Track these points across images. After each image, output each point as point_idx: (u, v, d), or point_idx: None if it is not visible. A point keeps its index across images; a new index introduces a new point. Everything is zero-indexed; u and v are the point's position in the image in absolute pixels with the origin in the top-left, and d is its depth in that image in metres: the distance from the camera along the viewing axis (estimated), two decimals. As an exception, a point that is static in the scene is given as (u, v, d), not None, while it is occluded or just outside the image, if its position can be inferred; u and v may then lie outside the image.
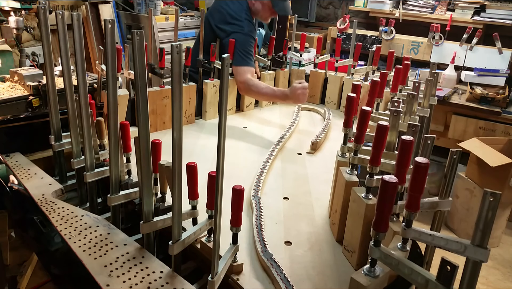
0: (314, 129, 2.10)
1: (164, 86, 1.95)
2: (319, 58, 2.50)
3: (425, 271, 0.80)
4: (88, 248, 1.01)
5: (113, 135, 1.08)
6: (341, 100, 2.48)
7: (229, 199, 0.96)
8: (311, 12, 4.96)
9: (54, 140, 1.40)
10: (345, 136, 1.29)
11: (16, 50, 2.98)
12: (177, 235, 0.96)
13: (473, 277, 0.76)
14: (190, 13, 4.50)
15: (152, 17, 3.71)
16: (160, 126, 1.98)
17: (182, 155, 0.90)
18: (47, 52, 1.30)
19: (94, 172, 1.24)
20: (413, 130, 1.04)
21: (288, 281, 1.00)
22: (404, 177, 0.97)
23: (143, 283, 0.91)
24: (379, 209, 0.84)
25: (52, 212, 1.16)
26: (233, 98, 2.29)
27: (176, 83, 0.83)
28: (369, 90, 1.49)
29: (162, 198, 1.16)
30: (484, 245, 0.73)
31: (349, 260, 1.14)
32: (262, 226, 1.23)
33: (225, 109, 0.78)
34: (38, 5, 1.20)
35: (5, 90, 2.23)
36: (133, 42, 0.88)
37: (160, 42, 3.83)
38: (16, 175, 1.35)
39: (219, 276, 0.91)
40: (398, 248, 0.96)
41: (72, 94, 1.28)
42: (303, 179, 1.63)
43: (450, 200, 1.02)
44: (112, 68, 1.01)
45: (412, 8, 3.96)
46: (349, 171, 1.20)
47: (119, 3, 4.05)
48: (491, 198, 0.71)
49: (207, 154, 1.76)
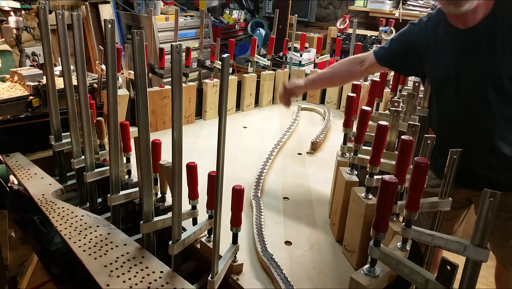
0: (314, 129, 2.10)
1: (164, 86, 1.95)
2: (319, 58, 2.50)
3: (425, 271, 0.80)
4: (88, 248, 1.01)
5: (113, 135, 1.08)
6: (341, 100, 2.48)
7: (229, 199, 0.96)
8: (311, 12, 4.96)
9: (54, 140, 1.40)
10: (345, 136, 1.29)
11: (16, 50, 2.98)
12: (177, 235, 0.96)
13: (473, 277, 0.76)
14: (190, 13, 4.50)
15: (152, 17, 3.71)
16: (160, 126, 1.98)
17: (182, 155, 0.90)
18: (47, 52, 1.30)
19: (94, 172, 1.24)
20: (413, 130, 1.04)
21: (288, 281, 1.00)
22: (404, 177, 0.97)
23: (143, 283, 0.91)
24: (379, 209, 0.84)
25: (52, 212, 1.16)
26: (233, 98, 2.29)
27: (176, 83, 0.83)
28: (369, 90, 1.49)
29: (162, 198, 1.16)
30: (484, 245, 0.73)
31: (349, 260, 1.14)
32: (262, 226, 1.23)
33: (225, 109, 0.78)
34: (38, 5, 1.20)
35: (5, 90, 2.23)
36: (133, 42, 0.88)
37: (160, 42, 3.83)
38: (16, 175, 1.35)
39: (219, 276, 0.91)
40: (398, 248, 0.96)
41: (72, 94, 1.28)
42: (303, 179, 1.63)
43: (450, 200, 1.02)
44: (112, 68, 1.01)
45: (412, 8, 3.96)
46: (349, 171, 1.20)
47: (119, 3, 4.05)
48: (491, 198, 0.71)
49: (207, 154, 1.76)
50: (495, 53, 1.20)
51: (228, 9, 5.19)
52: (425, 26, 1.40)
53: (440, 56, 1.35)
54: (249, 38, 5.08)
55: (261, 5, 5.59)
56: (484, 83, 1.25)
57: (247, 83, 2.32)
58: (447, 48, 1.32)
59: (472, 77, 1.27)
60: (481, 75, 1.25)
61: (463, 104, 1.32)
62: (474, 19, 1.22)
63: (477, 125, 1.31)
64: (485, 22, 1.22)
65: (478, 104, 1.28)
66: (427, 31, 1.39)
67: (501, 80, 1.21)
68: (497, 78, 1.22)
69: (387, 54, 1.51)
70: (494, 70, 1.22)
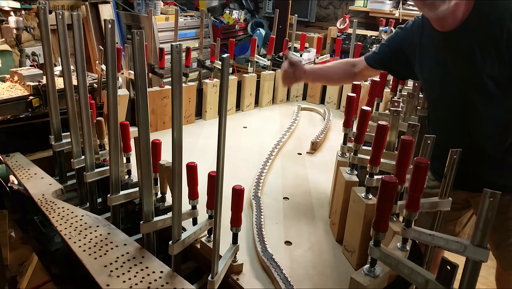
0: (314, 129, 2.10)
1: (164, 86, 1.95)
2: (319, 58, 2.50)
3: (425, 271, 0.80)
4: (88, 248, 1.01)
5: (113, 135, 1.08)
6: (341, 100, 2.48)
7: (229, 199, 0.96)
8: (311, 12, 4.96)
9: (54, 140, 1.40)
10: (345, 136, 1.29)
11: (16, 50, 2.98)
12: (177, 235, 0.96)
13: (473, 277, 0.76)
14: (190, 13, 4.50)
15: (152, 17, 3.71)
16: (160, 126, 1.98)
17: (182, 155, 0.90)
18: (47, 52, 1.30)
19: (94, 172, 1.24)
20: (413, 130, 1.04)
21: (288, 281, 1.00)
22: (404, 177, 0.97)
23: (143, 283, 0.91)
24: (379, 209, 0.84)
25: (52, 212, 1.16)
26: (233, 98, 2.29)
27: (176, 83, 0.83)
28: (369, 90, 1.49)
29: (162, 198, 1.16)
30: (484, 245, 0.73)
31: (349, 260, 1.14)
32: (262, 226, 1.23)
33: (225, 109, 0.78)
34: (38, 5, 1.20)
35: (5, 90, 2.23)
36: (133, 42, 0.88)
37: (160, 42, 3.83)
38: (16, 175, 1.35)
39: (219, 276, 0.91)
40: (398, 248, 0.96)
41: (72, 94, 1.28)
42: (303, 179, 1.63)
43: (450, 200, 1.02)
44: (112, 68, 1.01)
45: (412, 8, 3.96)
46: (349, 171, 1.20)
47: (119, 3, 4.05)
48: (491, 198, 0.71)
49: (207, 154, 1.76)
50: (475, 54, 1.21)
51: (228, 9, 5.19)
52: (411, 29, 1.43)
53: (424, 58, 1.38)
54: (249, 38, 5.08)
55: (261, 5, 5.59)
56: (467, 84, 1.26)
57: (247, 83, 2.32)
58: (431, 50, 1.34)
59: (455, 79, 1.28)
60: (463, 76, 1.26)
61: (450, 106, 1.34)
62: (454, 21, 1.23)
63: (465, 126, 1.32)
64: (464, 24, 1.22)
65: (464, 105, 1.30)
66: (413, 34, 1.42)
67: (483, 81, 1.22)
68: (479, 79, 1.23)
69: (377, 58, 1.56)
70: (475, 71, 1.23)
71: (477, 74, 1.22)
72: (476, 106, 1.26)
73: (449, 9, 1.18)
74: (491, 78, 1.21)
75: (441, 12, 1.18)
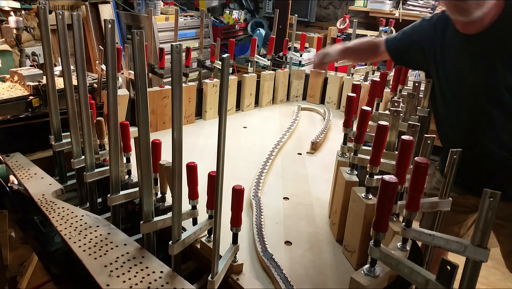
0: (314, 129, 2.10)
1: (164, 86, 1.95)
2: (319, 58, 2.50)
3: (425, 271, 0.80)
4: (88, 248, 1.01)
5: (113, 135, 1.08)
6: (341, 100, 2.48)
7: (229, 199, 0.96)
8: (311, 12, 4.96)
9: (54, 140, 1.40)
10: (345, 136, 1.29)
11: (16, 50, 2.98)
12: (177, 235, 0.96)
13: (473, 277, 0.76)
14: (190, 13, 4.50)
15: (152, 17, 3.71)
16: (160, 126, 1.98)
17: (182, 155, 0.90)
18: (47, 52, 1.30)
19: (94, 172, 1.24)
20: (413, 130, 1.04)
21: (288, 281, 1.00)
22: (404, 177, 0.97)
23: (143, 283, 0.91)
24: (379, 209, 0.84)
25: (52, 212, 1.16)
26: (233, 98, 2.29)
27: (176, 83, 0.83)
28: (369, 90, 1.49)
29: (162, 198, 1.16)
30: (484, 245, 0.73)
31: (349, 260, 1.14)
32: (262, 226, 1.23)
33: (225, 109, 0.78)
34: (38, 5, 1.20)
35: (5, 90, 2.23)
36: (133, 42, 0.88)
37: (160, 42, 3.83)
38: (16, 175, 1.35)
39: (219, 276, 0.91)
40: (398, 248, 0.96)
41: (72, 94, 1.28)
42: (303, 179, 1.63)
43: (450, 200, 1.02)
44: (112, 68, 1.01)
45: (412, 8, 3.96)
46: (349, 171, 1.20)
47: (119, 3, 4.05)
48: (491, 198, 0.71)
49: (207, 154, 1.76)
50: (495, 62, 1.19)
51: (228, 9, 5.19)
52: (435, 25, 1.39)
53: (444, 59, 1.34)
54: (249, 38, 5.08)
55: (261, 5, 5.59)
56: (482, 91, 1.24)
57: (247, 83, 2.32)
58: (451, 52, 1.31)
59: (471, 85, 1.26)
60: (480, 83, 1.24)
61: (463, 110, 1.32)
62: (480, 26, 1.21)
63: (477, 132, 1.30)
64: (489, 29, 1.20)
65: (478, 111, 1.27)
66: (436, 31, 1.38)
67: (500, 90, 1.19)
68: (496, 88, 1.20)
69: (396, 45, 1.54)
70: (492, 79, 1.20)
71: (494, 81, 1.20)
72: (490, 114, 1.24)
73: (482, 15, 1.15)
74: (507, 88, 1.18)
75: (475, 17, 1.15)
